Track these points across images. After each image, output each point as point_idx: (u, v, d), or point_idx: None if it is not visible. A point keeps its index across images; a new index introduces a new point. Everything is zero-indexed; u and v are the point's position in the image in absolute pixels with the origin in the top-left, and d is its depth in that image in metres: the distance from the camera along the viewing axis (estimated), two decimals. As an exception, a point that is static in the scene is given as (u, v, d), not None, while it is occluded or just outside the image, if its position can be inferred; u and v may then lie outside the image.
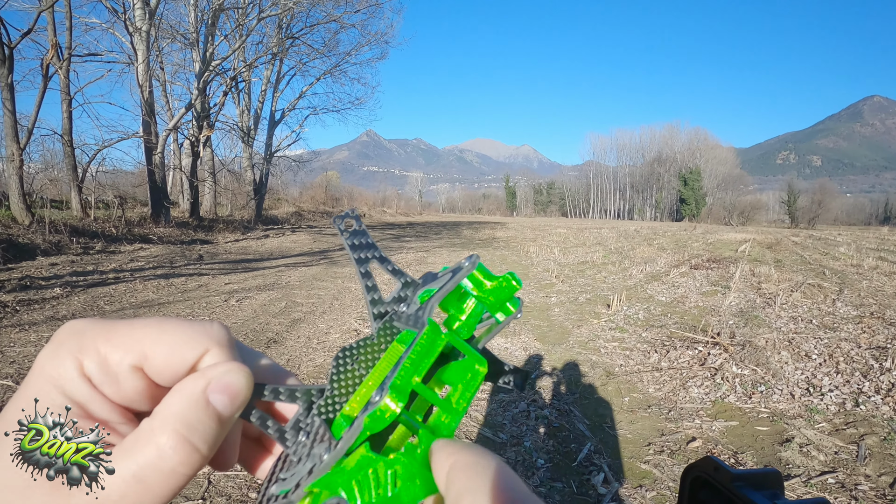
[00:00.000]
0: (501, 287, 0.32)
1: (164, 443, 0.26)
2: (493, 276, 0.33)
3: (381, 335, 0.33)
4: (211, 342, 0.28)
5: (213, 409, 0.27)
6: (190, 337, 0.28)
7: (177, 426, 0.26)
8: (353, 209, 0.34)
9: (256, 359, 0.33)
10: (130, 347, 0.27)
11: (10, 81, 11.45)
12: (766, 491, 0.36)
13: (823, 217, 65.62)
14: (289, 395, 0.31)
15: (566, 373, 4.45)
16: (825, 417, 3.47)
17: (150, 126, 16.23)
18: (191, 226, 17.20)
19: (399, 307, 0.33)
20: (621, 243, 16.53)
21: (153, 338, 0.27)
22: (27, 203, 11.83)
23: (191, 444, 0.26)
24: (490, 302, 0.33)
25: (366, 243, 0.33)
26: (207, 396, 0.27)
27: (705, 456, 0.40)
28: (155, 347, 0.27)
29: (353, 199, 53.83)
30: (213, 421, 0.27)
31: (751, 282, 8.47)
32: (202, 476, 2.69)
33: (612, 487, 2.70)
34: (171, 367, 0.27)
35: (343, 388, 0.31)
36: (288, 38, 23.26)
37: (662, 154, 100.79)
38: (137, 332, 0.27)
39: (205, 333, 0.28)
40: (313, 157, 34.00)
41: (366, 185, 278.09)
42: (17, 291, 6.60)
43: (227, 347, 0.29)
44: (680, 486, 0.42)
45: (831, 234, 23.52)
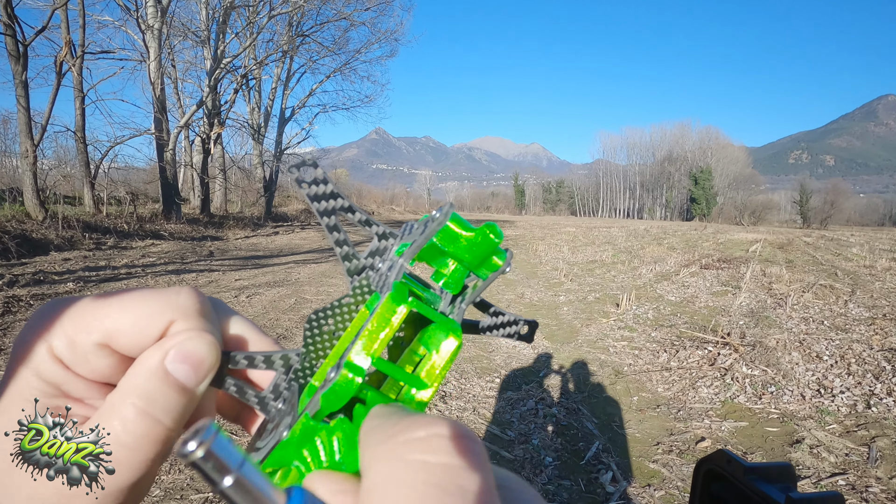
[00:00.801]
0: (477, 242, 0.28)
1: (125, 416, 0.25)
2: (470, 227, 0.29)
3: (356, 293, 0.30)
4: (176, 312, 0.27)
5: (173, 380, 0.26)
6: (154, 309, 0.27)
7: (135, 400, 0.26)
8: (311, 157, 0.30)
9: (232, 324, 0.31)
10: (95, 326, 0.26)
11: (25, 79, 11.58)
12: (779, 484, 0.36)
13: (836, 217, 64.97)
14: (265, 360, 0.29)
15: (575, 371, 4.44)
16: (836, 419, 3.44)
17: (162, 123, 16.37)
18: (201, 222, 17.32)
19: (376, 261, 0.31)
20: (631, 242, 16.46)
21: (116, 314, 0.26)
22: (41, 199, 11.97)
23: (152, 417, 0.26)
24: (467, 259, 0.29)
25: (330, 192, 0.29)
26: (166, 367, 0.26)
27: (718, 449, 0.40)
28: (118, 323, 0.26)
29: (363, 197, 53.98)
30: (175, 392, 0.26)
31: (762, 282, 8.41)
32: (213, 469, 2.72)
33: (621, 486, 2.69)
34: (136, 341, 0.27)
35: (318, 352, 0.30)
36: (298, 36, 23.38)
37: (673, 153, 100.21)
38: (101, 309, 0.27)
39: (169, 304, 0.27)
40: (323, 154, 34.17)
41: (375, 182, 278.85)
42: (30, 286, 6.69)
43: (195, 315, 0.28)
44: (693, 478, 0.42)
45: (844, 234, 23.27)
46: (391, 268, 0.29)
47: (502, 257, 0.30)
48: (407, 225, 0.32)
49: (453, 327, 0.27)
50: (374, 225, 0.31)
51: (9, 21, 10.95)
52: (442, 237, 0.28)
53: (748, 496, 0.37)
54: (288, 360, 0.30)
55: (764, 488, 0.35)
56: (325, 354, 0.30)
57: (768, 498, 0.35)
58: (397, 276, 0.28)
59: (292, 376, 0.30)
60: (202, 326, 0.28)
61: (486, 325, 0.34)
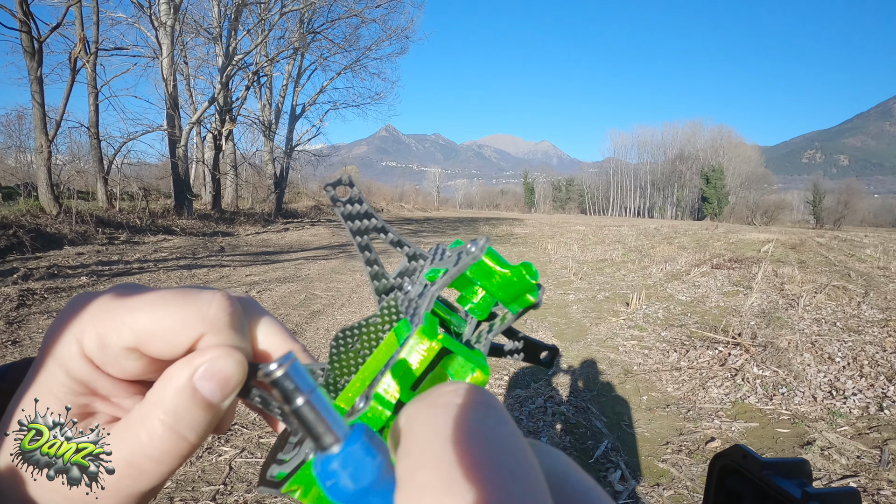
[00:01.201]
0: (512, 281, 0.28)
1: (152, 431, 0.26)
2: (505, 264, 0.28)
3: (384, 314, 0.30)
4: (206, 324, 0.27)
5: (200, 397, 0.26)
6: (186, 320, 0.27)
7: (162, 416, 0.26)
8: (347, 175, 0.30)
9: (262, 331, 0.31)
10: (127, 329, 0.26)
11: (40, 75, 11.71)
12: (795, 479, 0.37)
13: (850, 218, 64.20)
14: None
15: (584, 370, 4.44)
16: (848, 421, 3.41)
17: (174, 119, 16.49)
18: (213, 218, 17.45)
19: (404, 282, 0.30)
20: (641, 241, 16.37)
21: (148, 319, 0.27)
22: (55, 194, 12.11)
23: (177, 433, 0.26)
24: (500, 296, 0.28)
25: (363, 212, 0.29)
26: (195, 384, 0.26)
27: (734, 444, 0.41)
28: (150, 329, 0.26)
29: (372, 194, 54.06)
30: (202, 409, 0.27)
31: (773, 282, 8.34)
32: (224, 462, 2.75)
33: (629, 485, 2.69)
34: (165, 350, 0.27)
35: (343, 369, 0.30)
36: (309, 33, 23.45)
37: (685, 151, 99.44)
38: (133, 311, 0.27)
39: (200, 315, 0.27)
40: (333, 151, 34.27)
41: (384, 179, 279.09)
42: (45, 279, 6.78)
43: (225, 328, 0.28)
44: (708, 473, 0.43)
45: (857, 235, 23.00)
46: (422, 295, 0.28)
47: (535, 294, 0.29)
48: (438, 248, 0.31)
49: (481, 363, 0.27)
50: (406, 246, 0.31)
51: (24, 18, 11.07)
52: (475, 271, 0.28)
53: (764, 491, 0.37)
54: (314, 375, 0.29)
55: (780, 483, 0.36)
56: (349, 372, 0.30)
57: (784, 493, 0.35)
58: (428, 306, 0.27)
59: None
60: (231, 341, 0.28)
61: (508, 349, 0.34)
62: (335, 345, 0.30)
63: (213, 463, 2.75)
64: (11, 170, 22.54)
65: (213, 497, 2.46)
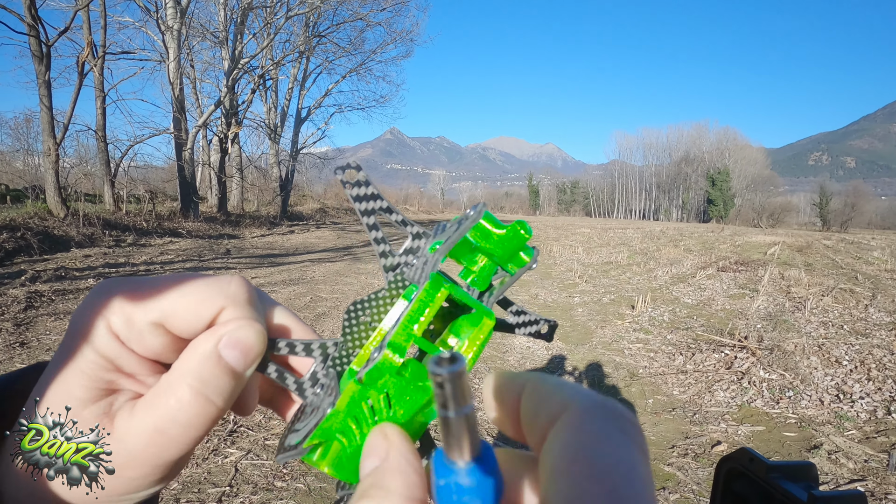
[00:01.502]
0: (509, 238, 0.30)
1: (181, 396, 0.27)
2: (501, 224, 0.31)
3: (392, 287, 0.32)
4: (227, 299, 0.29)
5: (225, 364, 0.28)
6: (207, 295, 0.29)
7: (191, 381, 0.28)
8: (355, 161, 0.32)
9: (276, 313, 0.33)
10: (152, 306, 0.28)
11: (48, 78, 11.80)
12: (801, 483, 0.37)
13: (857, 220, 63.78)
14: (304, 348, 0.31)
15: (589, 373, 4.43)
16: (855, 425, 3.39)
17: (181, 123, 16.58)
18: (219, 220, 17.52)
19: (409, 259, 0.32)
20: (646, 244, 16.32)
21: (173, 296, 0.29)
22: (62, 196, 12.19)
23: (205, 397, 0.28)
24: (498, 254, 0.31)
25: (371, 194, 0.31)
26: (220, 352, 0.28)
27: (740, 447, 0.41)
28: (174, 305, 0.28)
29: (377, 197, 54.05)
30: (227, 375, 0.28)
31: (780, 285, 8.30)
32: (229, 464, 2.76)
33: (635, 489, 2.68)
34: (189, 324, 0.29)
35: (355, 341, 0.32)
36: (315, 37, 23.54)
37: (690, 154, 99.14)
38: (159, 290, 0.29)
39: (221, 291, 0.29)
40: (338, 154, 34.33)
41: (389, 182, 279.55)
42: (52, 281, 6.82)
43: (244, 304, 0.30)
44: (714, 476, 0.43)
45: (865, 237, 22.86)
46: (426, 262, 0.30)
47: (529, 254, 0.32)
48: (439, 225, 0.33)
49: (487, 312, 0.29)
50: (410, 225, 0.32)
51: (32, 22, 11.16)
52: (475, 233, 0.30)
53: (770, 494, 0.38)
54: (325, 349, 0.31)
55: (787, 486, 0.36)
56: (361, 344, 0.32)
57: (791, 496, 0.35)
58: (434, 267, 0.29)
59: (330, 364, 0.31)
60: (251, 315, 0.30)
61: (509, 323, 0.35)
62: (347, 317, 0.32)
63: (219, 465, 2.76)
64: (20, 173, 22.70)
65: (219, 499, 2.47)
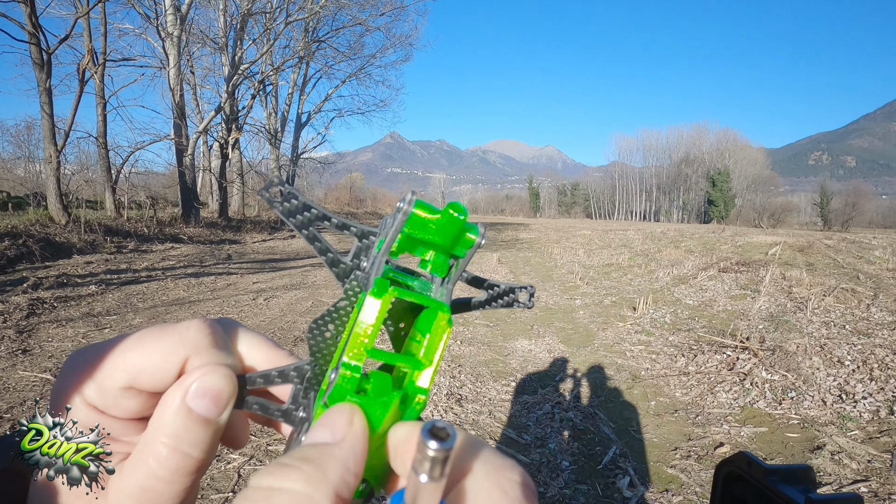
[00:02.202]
0: (444, 223, 0.29)
1: (158, 454, 0.27)
2: (434, 210, 0.30)
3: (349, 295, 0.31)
4: (189, 348, 0.29)
5: (196, 415, 0.28)
6: (168, 348, 0.29)
7: (164, 439, 0.28)
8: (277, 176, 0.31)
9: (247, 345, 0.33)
10: (119, 371, 0.28)
11: (49, 86, 11.85)
12: (799, 486, 0.37)
13: (857, 220, 63.77)
14: (280, 375, 0.31)
15: (591, 376, 4.42)
16: (858, 425, 3.38)
17: (181, 129, 16.63)
18: (220, 226, 17.55)
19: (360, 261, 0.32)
20: (647, 245, 16.32)
21: (136, 356, 0.29)
22: (63, 203, 12.22)
23: (181, 452, 0.28)
24: (440, 242, 0.30)
25: (301, 204, 0.30)
26: (188, 405, 0.28)
27: (739, 451, 0.41)
28: (139, 365, 0.28)
29: (377, 201, 54.26)
30: (199, 426, 0.28)
31: (781, 286, 8.29)
32: (232, 470, 2.76)
33: (638, 491, 2.68)
34: (158, 380, 0.29)
35: (325, 358, 0.31)
36: (314, 42, 23.62)
37: (690, 155, 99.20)
38: (123, 353, 0.29)
39: (181, 342, 0.29)
40: (338, 158, 34.41)
41: (389, 186, 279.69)
42: (54, 288, 6.83)
43: (207, 349, 0.29)
44: (713, 480, 0.43)
45: (866, 237, 22.84)
46: (372, 264, 0.30)
47: (475, 232, 0.30)
48: (384, 220, 0.32)
49: (440, 306, 0.29)
50: (352, 227, 0.32)
51: (33, 30, 11.21)
52: (411, 225, 0.29)
53: (768, 497, 0.38)
54: (302, 371, 0.31)
55: (784, 489, 0.36)
56: (332, 359, 0.31)
57: (788, 499, 0.36)
58: (378, 271, 0.29)
59: (307, 385, 0.31)
60: (216, 359, 0.30)
61: (481, 300, 0.35)
62: (310, 336, 0.31)
63: (222, 471, 2.76)
64: (21, 180, 22.78)
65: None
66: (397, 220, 0.29)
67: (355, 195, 47.41)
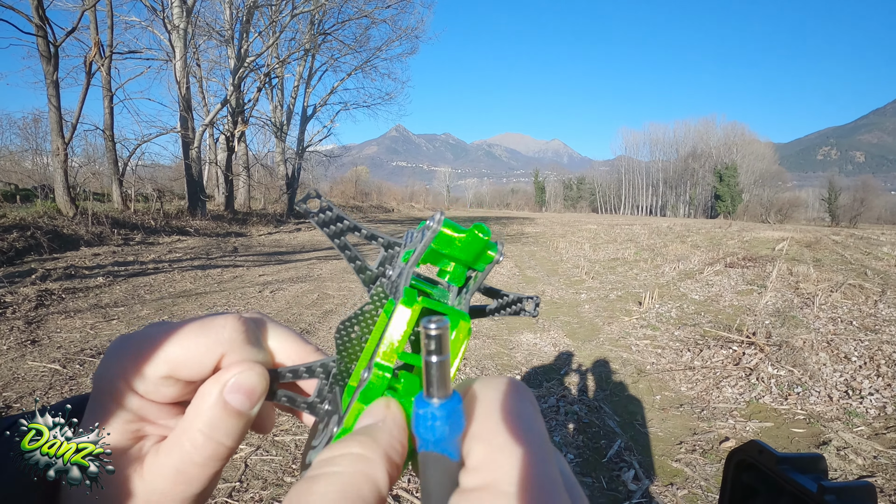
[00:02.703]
0: (469, 242, 0.33)
1: (195, 441, 0.31)
2: (461, 229, 0.33)
3: (374, 300, 0.35)
4: (225, 345, 0.32)
5: (231, 408, 0.31)
6: (207, 345, 0.32)
7: (201, 427, 0.31)
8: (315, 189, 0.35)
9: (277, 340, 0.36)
10: (161, 362, 0.31)
11: (56, 78, 11.88)
12: (811, 474, 0.37)
13: (866, 215, 63.26)
14: (307, 370, 0.34)
15: (596, 370, 4.42)
16: (864, 421, 3.37)
17: (188, 121, 16.66)
18: (226, 219, 17.60)
19: (386, 269, 0.35)
20: (653, 240, 16.26)
21: (177, 350, 0.32)
22: (71, 196, 12.28)
23: (216, 441, 0.31)
24: (463, 258, 0.33)
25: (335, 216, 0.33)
26: (224, 398, 0.31)
27: (751, 440, 0.41)
28: (180, 359, 0.31)
29: (382, 194, 54.22)
30: (233, 418, 0.31)
31: (788, 281, 8.25)
32: (239, 459, 2.78)
33: (643, 484, 2.69)
34: (196, 372, 0.32)
35: (350, 356, 0.35)
36: (320, 35, 23.58)
37: (697, 149, 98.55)
38: (164, 347, 0.32)
39: (218, 340, 0.32)
40: (343, 152, 34.40)
41: (394, 179, 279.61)
42: (62, 280, 6.88)
43: (242, 346, 0.32)
44: (724, 468, 0.43)
45: (874, 233, 22.66)
46: (400, 274, 0.33)
47: (495, 249, 0.34)
48: (408, 233, 0.35)
49: (462, 315, 0.32)
50: (380, 237, 0.35)
51: (40, 23, 11.23)
52: (438, 242, 0.32)
53: (780, 485, 0.38)
54: (327, 367, 0.34)
55: (796, 478, 0.36)
56: (356, 357, 0.35)
57: (800, 487, 0.36)
58: (406, 281, 0.32)
59: (332, 381, 0.34)
60: (250, 356, 0.33)
61: (492, 308, 0.38)
62: (338, 336, 0.34)
63: (229, 461, 2.79)
64: (28, 172, 22.91)
65: (230, 494, 2.49)
66: (426, 237, 0.32)
67: (361, 189, 47.39)
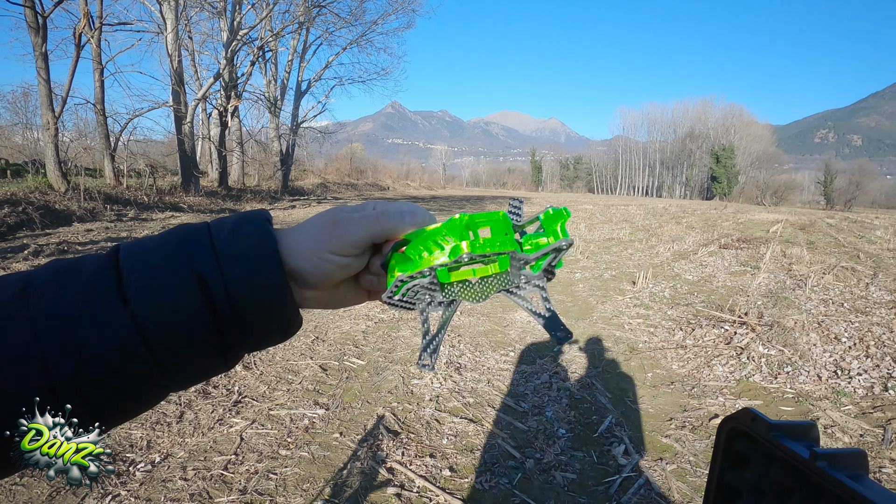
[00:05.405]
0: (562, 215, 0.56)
1: None
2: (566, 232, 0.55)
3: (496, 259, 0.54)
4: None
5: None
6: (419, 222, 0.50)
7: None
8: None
9: None
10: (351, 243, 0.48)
11: (44, 50, 11.65)
12: (803, 441, 0.37)
13: (861, 199, 63.44)
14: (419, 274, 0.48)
15: (589, 347, 4.46)
16: (852, 400, 3.42)
17: (180, 96, 16.41)
18: (219, 195, 17.48)
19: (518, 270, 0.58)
20: (649, 221, 16.28)
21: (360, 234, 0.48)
22: (63, 171, 12.15)
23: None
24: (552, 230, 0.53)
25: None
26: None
27: (743, 408, 0.41)
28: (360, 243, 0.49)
29: (378, 172, 53.81)
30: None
31: (781, 263, 8.30)
32: (235, 434, 2.80)
33: (633, 459, 2.73)
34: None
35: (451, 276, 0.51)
36: (315, 7, 23.08)
37: (695, 130, 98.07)
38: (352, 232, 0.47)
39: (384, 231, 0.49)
40: (338, 128, 34.03)
41: (390, 157, 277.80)
42: (55, 255, 6.84)
43: None
44: (716, 436, 0.43)
45: (868, 216, 22.75)
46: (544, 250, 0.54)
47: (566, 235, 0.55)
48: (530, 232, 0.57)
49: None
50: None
51: (29, -9, 10.97)
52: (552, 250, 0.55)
53: (772, 453, 0.38)
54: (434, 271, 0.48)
55: (789, 444, 0.36)
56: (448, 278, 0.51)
57: (793, 453, 0.36)
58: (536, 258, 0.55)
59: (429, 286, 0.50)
60: None
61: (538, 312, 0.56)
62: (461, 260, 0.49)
63: (225, 434, 2.81)
64: (19, 147, 22.58)
65: (225, 466, 2.51)
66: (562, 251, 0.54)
67: (356, 166, 47.00)
